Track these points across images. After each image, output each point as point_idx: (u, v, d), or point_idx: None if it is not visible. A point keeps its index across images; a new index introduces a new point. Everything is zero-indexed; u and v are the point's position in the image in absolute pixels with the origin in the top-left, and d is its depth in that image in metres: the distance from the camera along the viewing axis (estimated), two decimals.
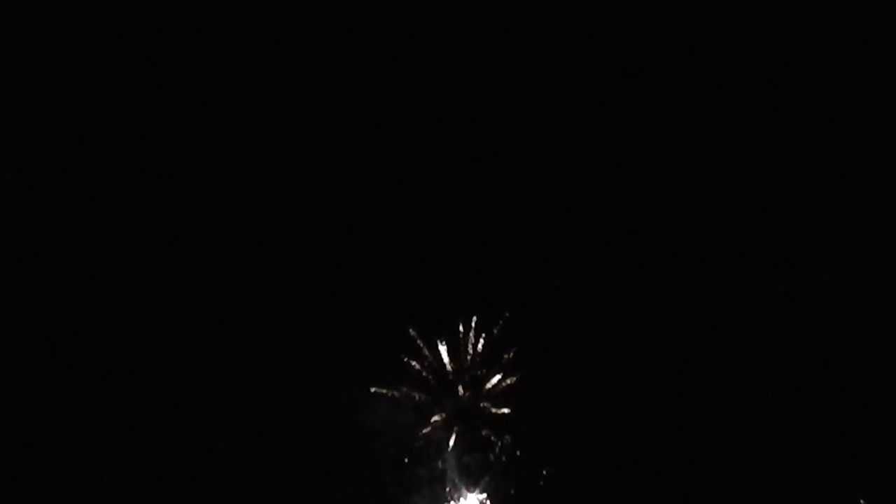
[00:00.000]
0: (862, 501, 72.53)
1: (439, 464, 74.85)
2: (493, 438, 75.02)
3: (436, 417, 74.56)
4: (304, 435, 71.83)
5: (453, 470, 74.92)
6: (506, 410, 75.64)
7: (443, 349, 75.10)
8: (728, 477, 74.60)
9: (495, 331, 74.81)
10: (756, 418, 75.35)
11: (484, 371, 75.55)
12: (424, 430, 74.76)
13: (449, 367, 75.23)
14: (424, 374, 74.99)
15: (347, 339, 73.40)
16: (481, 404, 75.47)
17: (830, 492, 73.86)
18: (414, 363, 74.80)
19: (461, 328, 74.74)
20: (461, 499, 74.19)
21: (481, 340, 75.30)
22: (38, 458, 68.16)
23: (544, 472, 74.71)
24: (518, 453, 74.97)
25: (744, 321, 77.38)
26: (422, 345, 74.72)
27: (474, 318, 74.98)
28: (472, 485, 74.49)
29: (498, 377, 75.65)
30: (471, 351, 75.22)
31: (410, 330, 73.88)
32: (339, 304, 74.49)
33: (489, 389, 75.54)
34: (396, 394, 73.78)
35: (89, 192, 72.93)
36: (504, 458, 75.08)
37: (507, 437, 74.92)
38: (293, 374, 72.21)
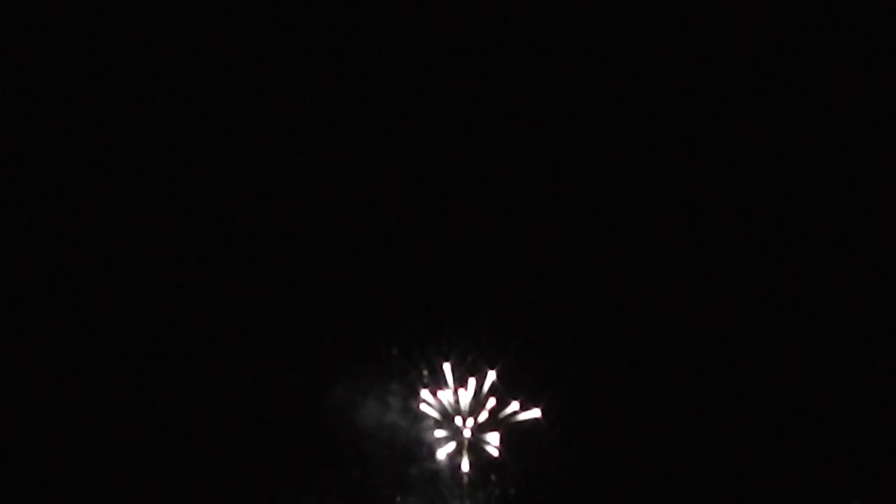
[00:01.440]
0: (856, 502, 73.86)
1: (431, 464, 77.40)
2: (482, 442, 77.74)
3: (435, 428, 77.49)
4: (295, 436, 72.88)
5: (446, 470, 77.59)
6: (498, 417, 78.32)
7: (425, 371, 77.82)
8: (727, 478, 75.55)
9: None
10: (754, 420, 76.33)
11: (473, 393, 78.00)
12: (416, 432, 77.35)
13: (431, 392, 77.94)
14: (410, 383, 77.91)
15: (338, 340, 75.04)
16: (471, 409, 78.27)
17: (827, 492, 74.22)
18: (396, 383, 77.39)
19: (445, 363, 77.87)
20: (455, 499, 76.87)
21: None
22: (26, 457, 69.20)
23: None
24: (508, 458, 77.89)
25: (741, 325, 78.00)
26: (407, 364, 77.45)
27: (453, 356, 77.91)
28: (466, 484, 77.32)
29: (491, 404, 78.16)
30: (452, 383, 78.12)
31: (394, 350, 76.34)
32: (330, 305, 75.80)
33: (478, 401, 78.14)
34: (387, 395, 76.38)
35: (84, 190, 74.56)
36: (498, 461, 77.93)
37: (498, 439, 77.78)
38: (284, 376, 73.48)
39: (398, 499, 74.92)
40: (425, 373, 77.25)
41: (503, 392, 78.52)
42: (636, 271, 78.90)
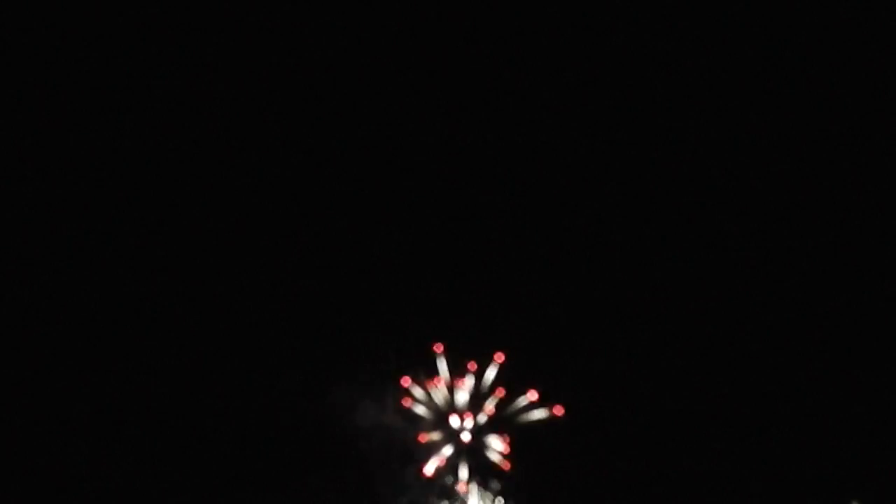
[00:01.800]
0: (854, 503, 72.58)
1: (419, 477, 71.44)
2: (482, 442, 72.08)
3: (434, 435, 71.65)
4: (293, 435, 71.29)
5: (444, 471, 71.05)
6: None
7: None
8: (728, 478, 72.27)
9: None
10: (753, 421, 73.63)
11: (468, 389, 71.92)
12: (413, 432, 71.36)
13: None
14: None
15: (337, 340, 72.81)
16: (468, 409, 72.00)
17: (825, 492, 72.53)
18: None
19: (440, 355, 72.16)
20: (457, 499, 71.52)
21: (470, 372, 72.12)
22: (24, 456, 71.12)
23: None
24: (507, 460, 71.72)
25: (740, 328, 75.15)
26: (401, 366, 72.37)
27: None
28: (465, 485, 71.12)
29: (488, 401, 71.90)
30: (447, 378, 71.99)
31: (390, 355, 71.68)
32: (330, 307, 73.98)
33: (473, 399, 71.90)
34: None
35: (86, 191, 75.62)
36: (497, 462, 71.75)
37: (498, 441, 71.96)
38: (282, 376, 71.79)
39: None
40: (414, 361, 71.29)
41: (513, 382, 70.02)
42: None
